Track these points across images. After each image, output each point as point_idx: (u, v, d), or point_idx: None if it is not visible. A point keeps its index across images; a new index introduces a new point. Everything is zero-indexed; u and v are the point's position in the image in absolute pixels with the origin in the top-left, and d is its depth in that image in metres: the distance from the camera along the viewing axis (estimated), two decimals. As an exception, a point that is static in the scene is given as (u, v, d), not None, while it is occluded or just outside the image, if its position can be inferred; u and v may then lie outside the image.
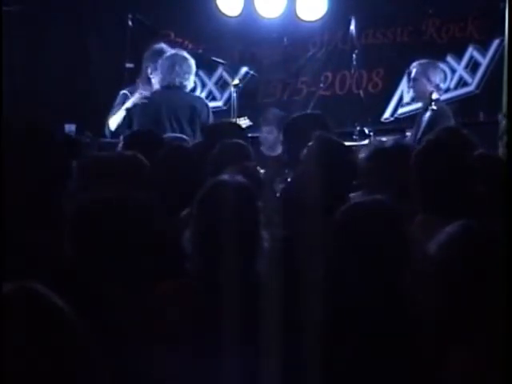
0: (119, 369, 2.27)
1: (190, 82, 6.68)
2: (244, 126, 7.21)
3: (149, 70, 6.87)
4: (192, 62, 6.65)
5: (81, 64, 8.60)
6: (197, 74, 7.68)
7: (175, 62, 6.58)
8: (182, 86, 6.58)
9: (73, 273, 2.52)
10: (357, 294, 2.77)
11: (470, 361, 2.31)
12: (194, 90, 7.72)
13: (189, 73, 6.61)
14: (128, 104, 6.71)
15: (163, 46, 6.98)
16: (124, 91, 6.93)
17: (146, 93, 6.69)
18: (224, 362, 2.65)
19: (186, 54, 6.75)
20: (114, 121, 6.78)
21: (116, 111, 6.84)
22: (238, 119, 7.30)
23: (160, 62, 6.70)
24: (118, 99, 6.91)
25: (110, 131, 6.78)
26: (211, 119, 6.59)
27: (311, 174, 3.75)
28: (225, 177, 3.04)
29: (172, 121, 6.50)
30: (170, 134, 5.85)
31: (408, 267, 2.72)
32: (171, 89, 6.58)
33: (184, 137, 5.62)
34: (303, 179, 3.83)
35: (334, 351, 2.70)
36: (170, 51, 6.83)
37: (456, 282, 2.38)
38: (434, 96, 6.67)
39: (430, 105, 6.63)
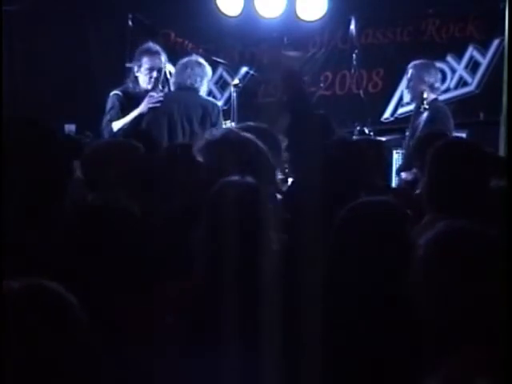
0: (119, 368, 2.27)
1: (204, 87, 6.72)
2: None
3: (135, 69, 6.85)
4: (207, 67, 6.71)
5: (81, 64, 8.60)
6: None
7: (188, 65, 6.65)
8: (193, 88, 6.62)
9: (73, 273, 2.52)
10: (357, 293, 2.78)
11: (468, 361, 2.31)
12: (209, 94, 7.76)
13: (201, 77, 6.67)
14: (142, 108, 6.65)
15: (150, 44, 6.97)
16: (116, 92, 6.85)
17: (157, 95, 6.67)
18: (224, 363, 2.65)
19: (200, 59, 6.80)
20: (121, 123, 6.68)
21: (114, 113, 6.75)
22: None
23: (176, 65, 6.77)
24: (112, 101, 6.82)
25: (112, 133, 6.66)
26: (221, 120, 6.64)
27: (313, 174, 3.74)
28: (234, 177, 3.04)
29: (183, 120, 6.54)
30: None
31: (408, 267, 2.72)
32: (183, 90, 6.63)
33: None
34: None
35: (335, 351, 2.70)
36: (156, 49, 6.84)
37: (437, 281, 2.38)
38: (425, 95, 6.69)
39: (422, 104, 6.66)
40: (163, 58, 6.84)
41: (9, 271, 2.21)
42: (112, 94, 6.86)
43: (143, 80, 6.80)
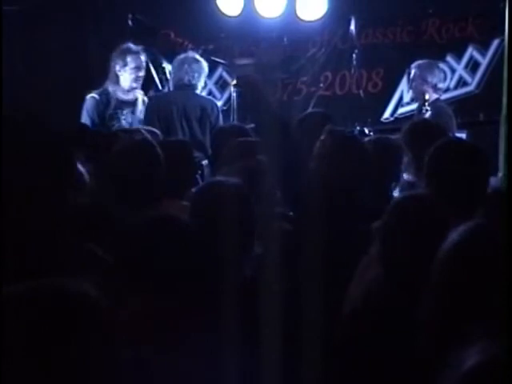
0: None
1: (201, 83, 6.73)
2: None
3: (117, 67, 6.87)
4: (203, 63, 6.73)
5: (81, 64, 8.59)
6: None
7: (185, 62, 6.66)
8: (191, 86, 6.62)
9: (74, 272, 2.51)
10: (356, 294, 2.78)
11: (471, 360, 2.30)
12: (209, 94, 7.75)
13: (199, 73, 6.68)
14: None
15: (131, 44, 7.01)
16: (92, 95, 6.90)
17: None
18: (220, 362, 2.65)
19: (197, 55, 6.83)
20: None
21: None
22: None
23: (173, 62, 6.79)
24: (90, 104, 6.85)
25: None
26: (221, 120, 6.65)
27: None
28: (219, 177, 3.05)
29: (182, 120, 6.54)
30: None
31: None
32: (181, 89, 6.63)
33: (155, 130, 5.57)
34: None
35: (334, 351, 2.70)
36: (138, 49, 6.87)
37: (470, 281, 2.35)
38: (427, 97, 6.70)
39: (424, 105, 6.67)
40: (143, 57, 6.92)
41: (8, 272, 2.21)
42: (89, 96, 6.91)
43: (127, 79, 6.79)
